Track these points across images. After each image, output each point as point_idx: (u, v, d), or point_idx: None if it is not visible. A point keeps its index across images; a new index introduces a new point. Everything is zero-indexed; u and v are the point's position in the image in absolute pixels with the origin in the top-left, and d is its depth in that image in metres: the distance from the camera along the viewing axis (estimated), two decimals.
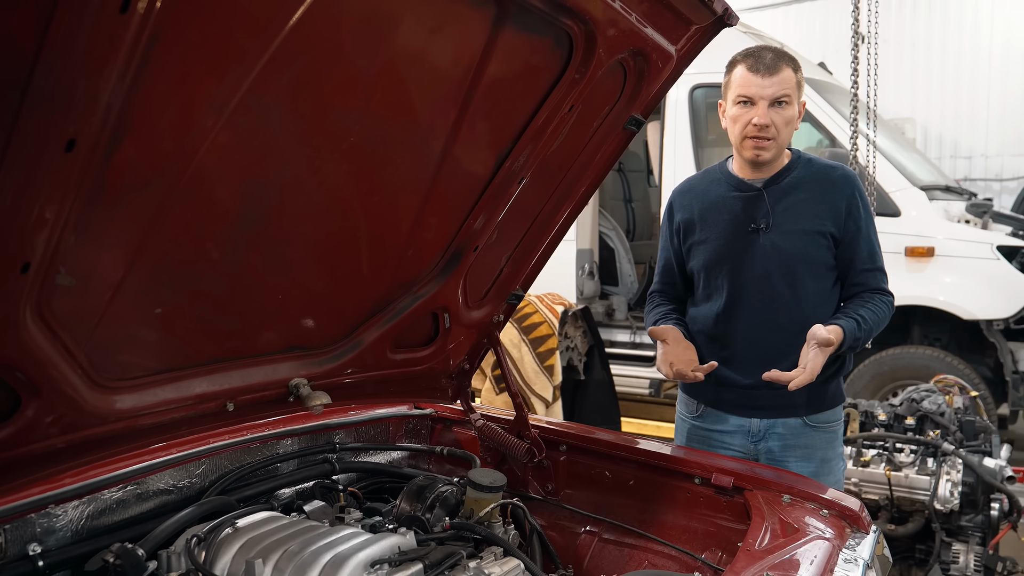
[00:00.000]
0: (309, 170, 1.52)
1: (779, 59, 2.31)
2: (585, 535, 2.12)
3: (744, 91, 2.31)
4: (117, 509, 1.70)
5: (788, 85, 2.29)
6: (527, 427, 2.20)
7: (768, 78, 2.28)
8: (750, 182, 2.42)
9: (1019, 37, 9.72)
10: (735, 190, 2.44)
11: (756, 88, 2.28)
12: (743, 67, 2.32)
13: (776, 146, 2.34)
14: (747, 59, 2.33)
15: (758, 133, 2.30)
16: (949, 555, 3.28)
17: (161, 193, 1.30)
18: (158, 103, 1.18)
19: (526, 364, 4.64)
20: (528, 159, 1.85)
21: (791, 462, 2.39)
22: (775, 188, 2.39)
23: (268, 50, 1.25)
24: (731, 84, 2.36)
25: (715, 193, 2.47)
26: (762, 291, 2.38)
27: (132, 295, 1.40)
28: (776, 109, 2.29)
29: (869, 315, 2.33)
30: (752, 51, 2.36)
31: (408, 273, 1.94)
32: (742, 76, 2.31)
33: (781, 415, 2.42)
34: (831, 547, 1.72)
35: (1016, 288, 5.52)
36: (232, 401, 1.72)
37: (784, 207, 2.37)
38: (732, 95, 2.35)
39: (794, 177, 2.40)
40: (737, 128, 2.35)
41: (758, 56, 2.32)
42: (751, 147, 2.33)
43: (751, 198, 2.40)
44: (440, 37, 1.49)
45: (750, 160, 2.38)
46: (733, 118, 2.36)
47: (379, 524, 1.78)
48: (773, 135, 2.31)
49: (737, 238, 2.40)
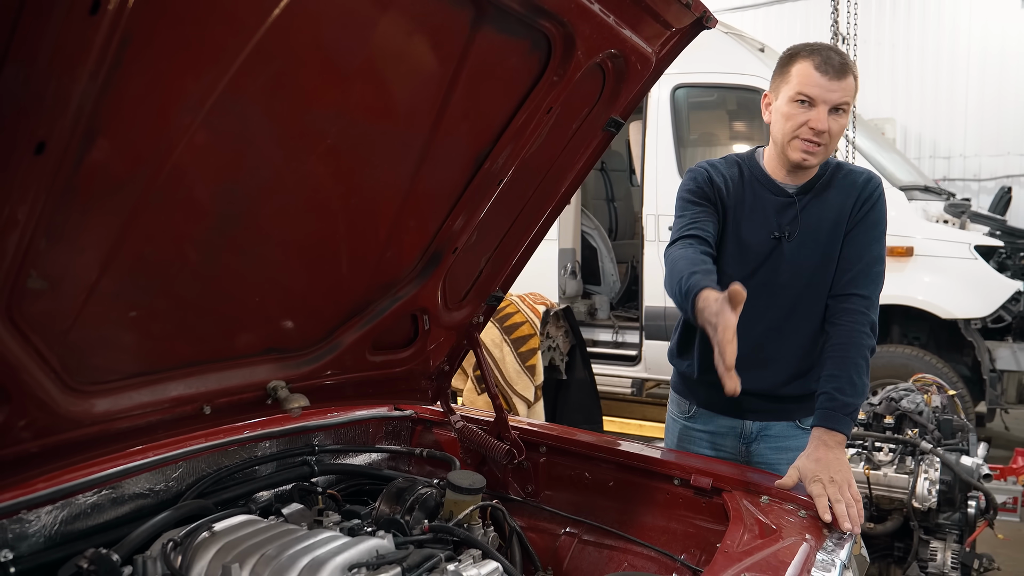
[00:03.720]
0: (286, 171, 1.51)
1: (847, 64, 2.15)
2: (565, 536, 2.12)
3: (807, 90, 2.13)
4: (92, 514, 1.68)
5: (851, 93, 2.15)
6: (507, 428, 2.20)
7: (835, 82, 2.12)
8: (783, 186, 2.30)
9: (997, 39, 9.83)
10: (769, 192, 2.31)
11: (821, 90, 2.12)
12: (809, 64, 2.14)
13: (824, 153, 2.21)
14: (814, 55, 2.14)
15: (813, 137, 2.15)
16: (927, 553, 3.31)
17: (135, 195, 1.29)
18: (131, 105, 1.17)
19: (508, 364, 4.63)
20: (507, 161, 1.85)
21: (783, 465, 2.30)
22: (805, 197, 2.29)
23: (244, 51, 1.24)
24: (789, 79, 2.17)
25: (747, 187, 2.32)
26: (772, 298, 2.31)
27: (106, 298, 1.39)
28: (835, 116, 2.15)
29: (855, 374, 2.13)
30: (819, 48, 2.17)
31: (387, 275, 1.93)
32: (807, 74, 2.13)
33: (774, 418, 2.40)
34: (809, 548, 1.72)
35: (993, 288, 5.59)
36: (209, 404, 1.71)
37: (808, 216, 2.27)
38: (790, 91, 2.17)
39: (822, 184, 2.30)
40: (789, 126, 2.18)
41: (827, 56, 2.13)
42: (800, 149, 2.18)
43: (783, 204, 2.28)
44: (418, 39, 1.49)
45: (796, 163, 2.22)
46: (786, 115, 2.18)
47: (358, 527, 1.76)
48: (826, 141, 2.17)
49: (760, 242, 2.29)
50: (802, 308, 2.32)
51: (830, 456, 1.99)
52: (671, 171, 6.37)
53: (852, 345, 2.18)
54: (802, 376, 2.37)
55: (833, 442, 2.03)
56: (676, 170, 6.35)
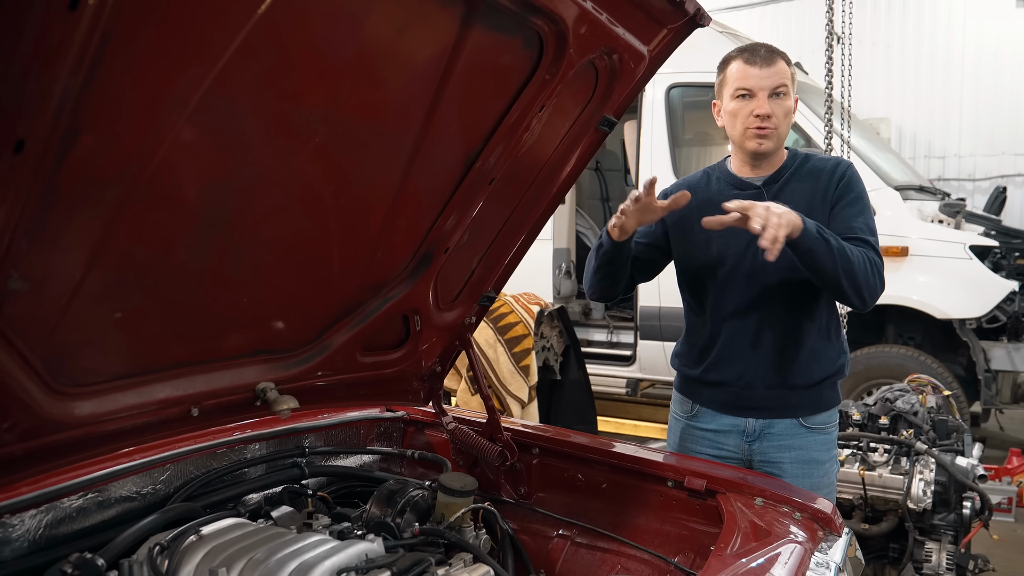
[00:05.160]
0: (274, 170, 1.49)
1: (773, 52, 2.32)
2: (558, 539, 2.10)
3: (743, 83, 2.29)
4: (77, 518, 1.66)
5: (785, 76, 2.30)
6: (499, 430, 2.18)
7: (766, 68, 2.28)
8: (749, 180, 2.40)
9: (992, 38, 9.83)
10: (734, 188, 2.40)
11: (755, 80, 2.28)
12: (739, 61, 2.32)
13: (777, 137, 2.32)
14: (742, 54, 2.33)
15: (760, 123, 2.29)
16: (922, 554, 3.30)
17: (119, 194, 1.27)
18: (114, 102, 1.15)
19: (502, 364, 4.61)
20: (499, 160, 1.83)
21: (785, 463, 2.36)
22: (774, 186, 2.37)
23: (230, 48, 1.22)
24: (727, 80, 2.35)
25: (714, 191, 2.42)
26: (755, 289, 2.34)
27: (90, 299, 1.37)
28: (775, 100, 2.29)
29: (838, 242, 2.17)
30: (746, 47, 2.36)
31: (377, 275, 1.91)
32: (739, 70, 2.31)
33: (776, 415, 2.39)
34: (803, 550, 1.71)
35: (988, 287, 5.58)
36: (197, 406, 1.69)
37: (781, 202, 2.25)
38: (730, 90, 2.33)
39: (792, 173, 2.38)
40: (738, 122, 2.33)
41: (753, 50, 2.32)
42: (753, 137, 2.31)
43: (751, 196, 2.31)
44: (408, 36, 1.47)
45: (752, 152, 2.35)
46: (733, 112, 2.34)
47: (347, 530, 1.75)
48: (775, 125, 2.30)
49: (737, 235, 2.30)
50: (790, 296, 2.34)
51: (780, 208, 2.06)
52: (666, 171, 6.35)
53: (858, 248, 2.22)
54: (802, 367, 2.36)
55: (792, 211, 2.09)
56: (671, 170, 6.33)
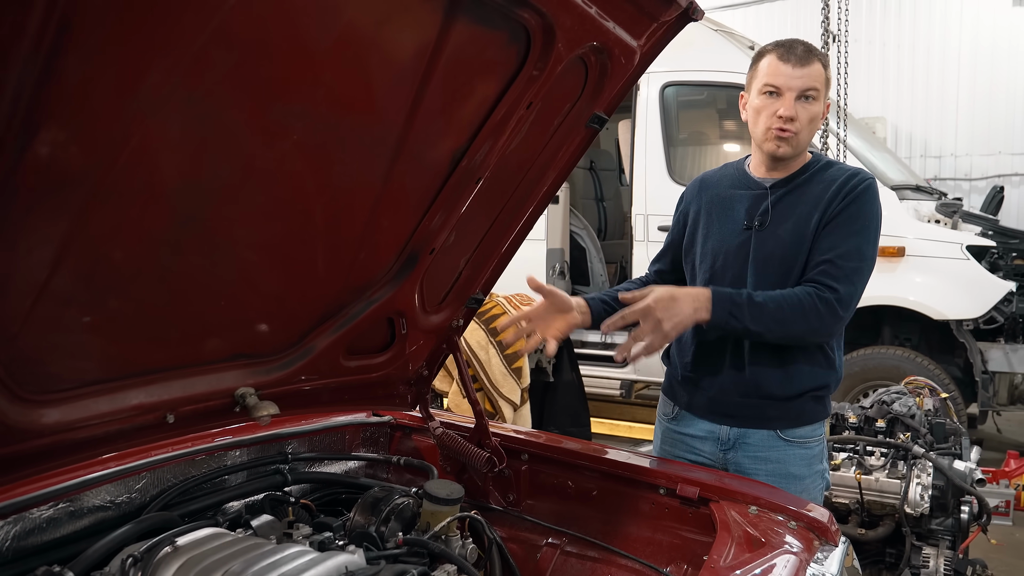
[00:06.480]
0: (250, 168, 1.43)
1: (810, 52, 2.20)
2: (547, 548, 2.05)
3: (772, 80, 2.19)
4: (47, 528, 1.60)
5: (818, 79, 2.18)
6: (487, 435, 2.12)
7: (799, 68, 2.16)
8: (760, 180, 2.31)
9: (988, 36, 9.81)
10: (744, 188, 2.33)
11: (785, 78, 2.17)
12: (773, 56, 2.20)
13: (797, 142, 2.21)
14: (777, 48, 2.21)
15: (783, 125, 2.18)
16: (919, 559, 3.25)
17: (85, 193, 1.21)
18: (76, 96, 1.09)
19: (493, 367, 4.56)
20: (485, 158, 1.77)
21: (760, 476, 2.25)
22: (781, 189, 2.27)
23: (200, 38, 1.16)
24: (758, 74, 2.24)
25: (725, 188, 2.37)
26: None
27: (56, 302, 1.31)
28: (803, 103, 2.18)
29: (767, 298, 2.10)
30: (783, 41, 2.24)
31: (361, 277, 1.85)
32: (771, 65, 2.20)
33: (752, 425, 2.29)
34: (798, 561, 1.66)
35: (985, 288, 5.54)
36: (172, 412, 1.63)
37: (783, 206, 2.25)
38: (758, 85, 2.23)
39: (806, 178, 2.27)
40: (761, 120, 2.23)
41: (789, 46, 2.20)
42: (773, 139, 2.21)
43: (756, 196, 2.28)
44: (388, 29, 1.41)
45: (770, 153, 2.25)
46: (757, 109, 2.24)
47: (328, 540, 1.69)
48: (797, 129, 2.18)
49: (732, 236, 2.28)
50: None
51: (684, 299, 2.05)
52: (660, 171, 6.31)
53: (791, 294, 2.13)
54: (780, 375, 2.26)
55: (701, 296, 2.08)
56: (665, 170, 6.29)
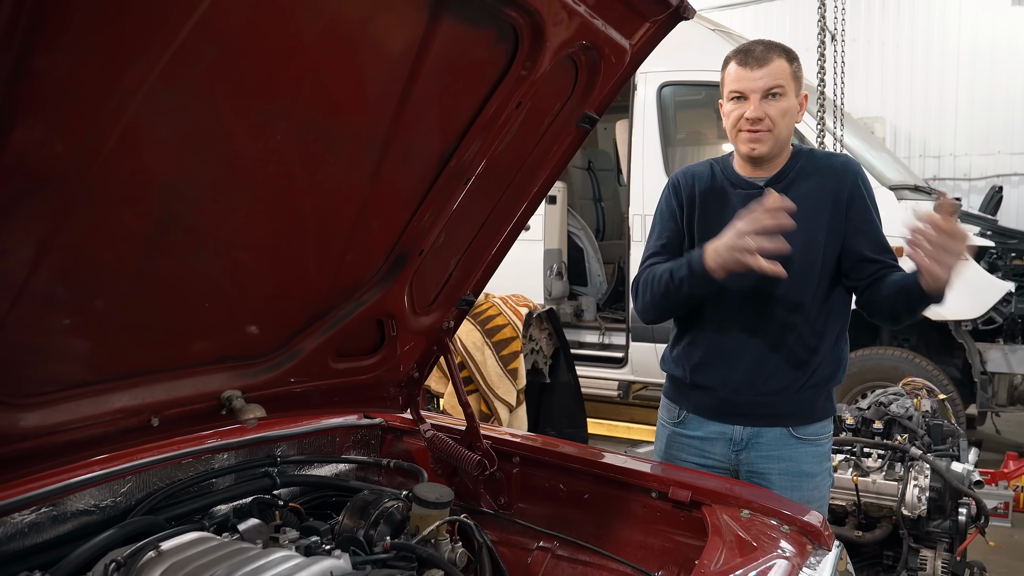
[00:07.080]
0: (234, 168, 1.41)
1: (769, 50, 2.24)
2: (538, 551, 2.03)
3: (736, 86, 2.25)
4: (29, 533, 1.58)
5: (780, 75, 2.22)
6: (478, 438, 2.10)
7: (758, 70, 2.21)
8: (751, 180, 2.33)
9: (987, 36, 9.79)
10: (736, 187, 2.34)
11: (746, 82, 2.22)
12: (734, 63, 2.27)
13: (773, 139, 2.25)
14: (738, 55, 2.27)
15: (751, 127, 2.23)
16: (917, 561, 3.23)
17: (60, 195, 1.19)
18: (49, 97, 1.07)
19: (489, 368, 4.54)
20: (474, 159, 1.75)
21: (773, 475, 2.27)
22: (777, 187, 2.25)
23: (177, 37, 1.14)
24: (724, 81, 2.31)
25: (716, 185, 2.38)
26: (750, 294, 2.26)
27: (35, 305, 1.29)
28: (769, 101, 2.22)
29: None
30: (743, 46, 2.30)
31: (349, 278, 1.83)
32: (734, 72, 2.26)
33: (765, 424, 2.30)
34: (791, 566, 1.64)
35: (984, 289, 5.51)
36: (157, 416, 1.61)
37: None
38: (726, 92, 2.30)
39: (796, 172, 2.31)
40: (730, 124, 2.29)
41: (748, 50, 2.26)
42: (745, 141, 2.26)
43: (751, 196, 2.24)
44: (374, 27, 1.39)
45: (746, 155, 2.30)
46: (727, 114, 2.30)
47: (314, 545, 1.67)
48: (768, 127, 2.23)
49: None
50: (785, 297, 2.25)
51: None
52: (658, 171, 6.29)
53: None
54: (793, 373, 2.27)
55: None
56: (663, 170, 6.27)
